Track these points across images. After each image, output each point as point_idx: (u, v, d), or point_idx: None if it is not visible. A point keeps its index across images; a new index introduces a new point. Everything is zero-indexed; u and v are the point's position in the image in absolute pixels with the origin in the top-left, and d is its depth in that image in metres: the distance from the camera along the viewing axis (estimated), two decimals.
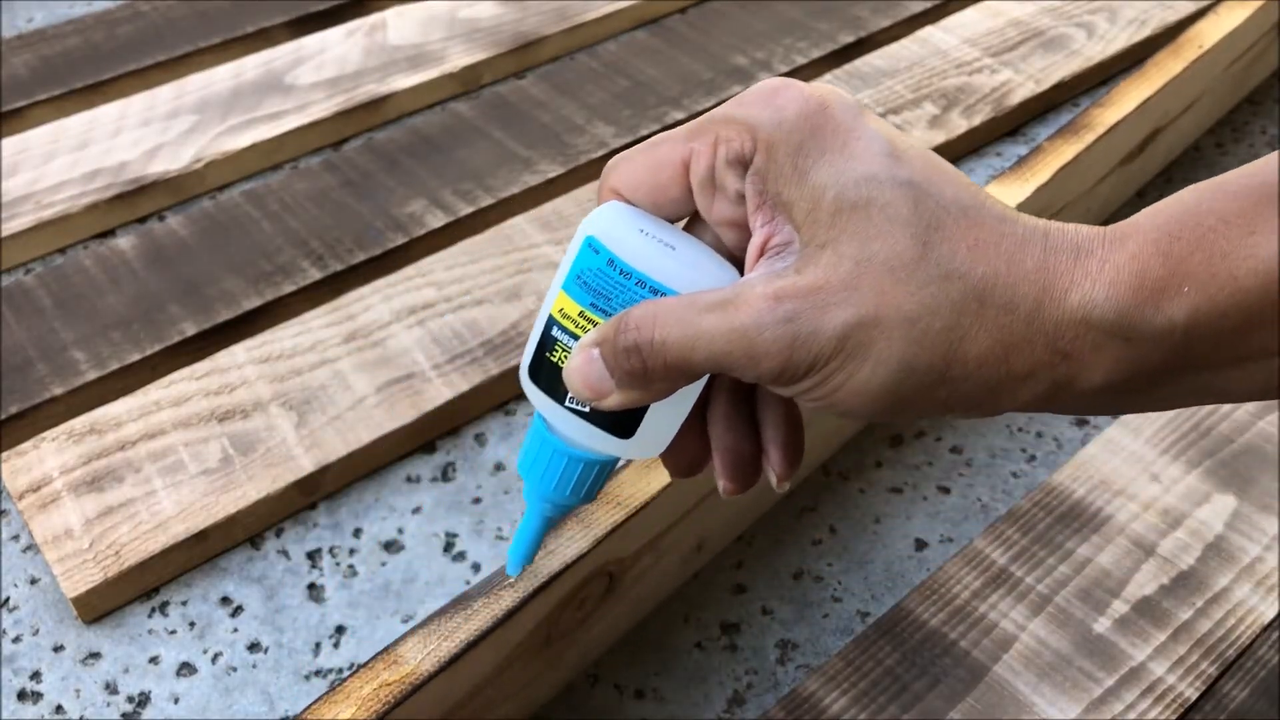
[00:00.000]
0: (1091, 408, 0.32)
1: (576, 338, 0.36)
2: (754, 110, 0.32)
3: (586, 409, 0.37)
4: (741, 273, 0.34)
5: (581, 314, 0.36)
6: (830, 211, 0.31)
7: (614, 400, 0.34)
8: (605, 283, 0.35)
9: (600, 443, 0.38)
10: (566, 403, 0.37)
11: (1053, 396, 0.31)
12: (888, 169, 0.31)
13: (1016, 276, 0.30)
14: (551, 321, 0.36)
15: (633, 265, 0.35)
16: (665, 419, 0.37)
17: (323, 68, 0.91)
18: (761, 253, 0.33)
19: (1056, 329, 0.30)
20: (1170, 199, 0.31)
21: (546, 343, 0.37)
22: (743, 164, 0.33)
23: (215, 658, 0.56)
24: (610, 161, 0.36)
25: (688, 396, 0.36)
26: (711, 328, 0.31)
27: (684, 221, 0.36)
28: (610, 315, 0.35)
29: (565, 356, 0.36)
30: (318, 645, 0.56)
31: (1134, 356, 0.30)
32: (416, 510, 0.62)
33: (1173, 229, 0.30)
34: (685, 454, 0.38)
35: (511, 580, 0.47)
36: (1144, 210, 0.31)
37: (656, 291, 0.34)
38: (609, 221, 0.35)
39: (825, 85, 0.34)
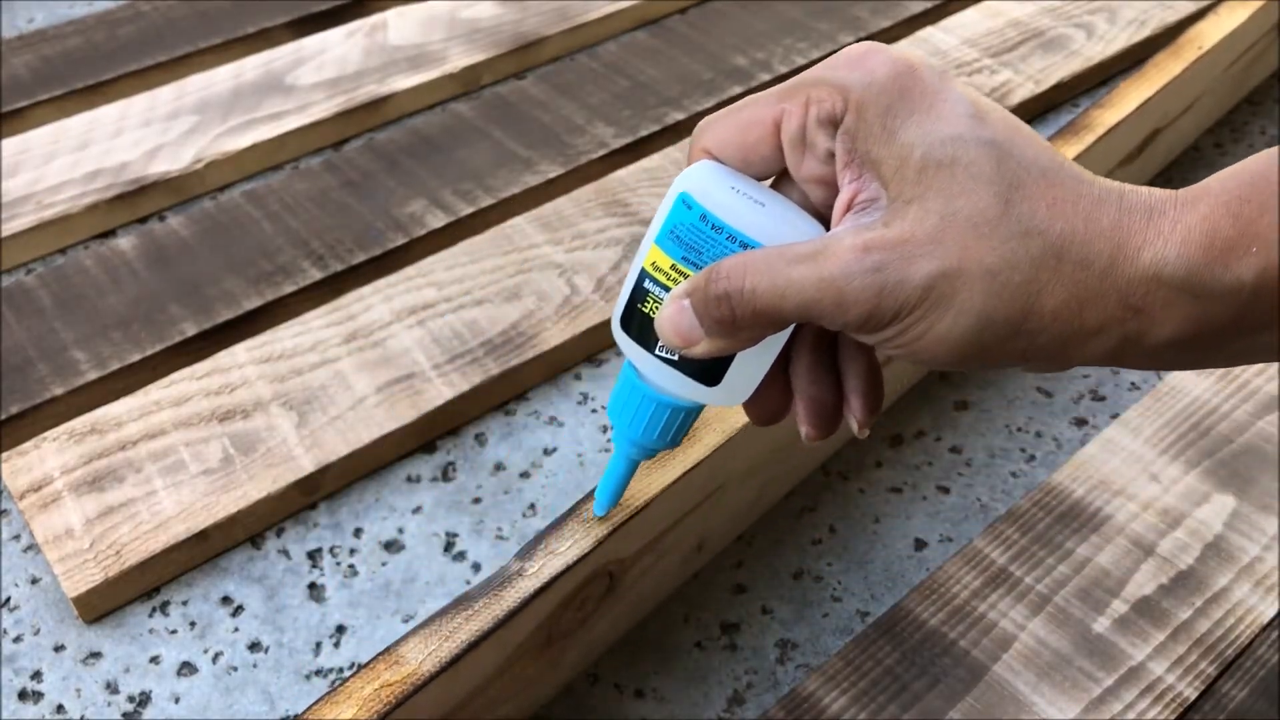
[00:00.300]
0: (1158, 363, 0.34)
1: (668, 289, 0.38)
2: (845, 72, 0.34)
3: (675, 357, 0.39)
4: (827, 229, 0.36)
5: (673, 267, 0.38)
6: (917, 169, 0.32)
7: (702, 348, 0.36)
8: (697, 237, 0.37)
9: (688, 390, 0.40)
10: (656, 351, 0.39)
11: (1121, 351, 0.33)
12: (972, 130, 0.33)
13: (1092, 234, 0.32)
14: (644, 274, 0.38)
15: (724, 220, 0.36)
16: (750, 368, 0.39)
17: (323, 68, 0.91)
18: (848, 208, 0.34)
19: (1129, 285, 0.31)
20: (1240, 164, 0.33)
21: (638, 294, 0.39)
22: (833, 123, 0.34)
23: (216, 657, 0.56)
24: (701, 123, 0.38)
25: (772, 346, 0.38)
26: (801, 277, 0.33)
27: (771, 180, 0.38)
28: (701, 268, 0.36)
29: (656, 307, 0.38)
30: (318, 645, 0.57)
31: (1202, 313, 0.31)
32: (417, 510, 0.62)
33: (1243, 192, 0.31)
34: (767, 403, 0.40)
35: (593, 518, 0.49)
36: (1214, 175, 0.33)
37: (746, 245, 0.36)
38: (701, 179, 0.37)
39: (912, 50, 0.35)
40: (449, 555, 0.60)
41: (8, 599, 0.59)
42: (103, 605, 0.58)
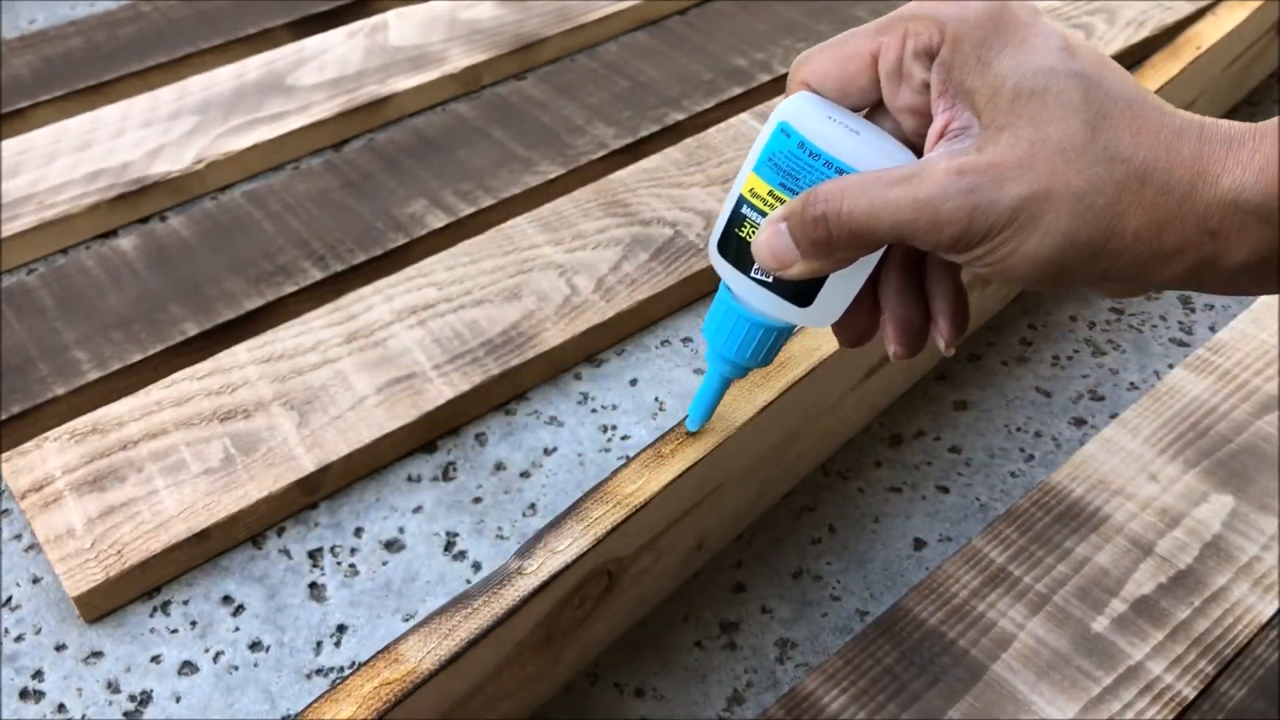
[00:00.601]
0: (1231, 287, 0.36)
1: (764, 214, 0.40)
2: (941, 7, 0.36)
3: (770, 279, 0.41)
4: (919, 157, 0.38)
5: (770, 193, 0.40)
6: (1009, 98, 0.34)
7: (797, 270, 0.39)
8: (794, 164, 0.39)
9: (781, 311, 0.42)
10: (752, 274, 0.42)
11: (1197, 274, 0.35)
12: (1062, 62, 0.35)
13: (1174, 162, 0.34)
14: (741, 200, 0.41)
15: (821, 147, 0.38)
16: (841, 290, 0.41)
17: (324, 69, 0.91)
18: (941, 136, 0.36)
19: (1206, 210, 0.33)
20: None
21: (736, 220, 0.41)
22: (929, 55, 0.36)
23: (217, 657, 0.56)
24: (799, 56, 0.40)
25: (863, 269, 0.40)
26: (897, 198, 0.35)
27: (865, 111, 0.40)
28: (797, 194, 0.39)
29: (753, 231, 0.40)
30: (319, 644, 0.57)
31: (1276, 238, 0.33)
32: (417, 509, 0.63)
33: None
34: (856, 325, 0.42)
35: (686, 435, 0.52)
36: None
37: (842, 171, 0.38)
38: (800, 109, 0.39)
39: None
40: (449, 555, 0.60)
41: (9, 598, 0.59)
42: (104, 605, 0.58)
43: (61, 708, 0.54)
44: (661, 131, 0.86)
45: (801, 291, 0.41)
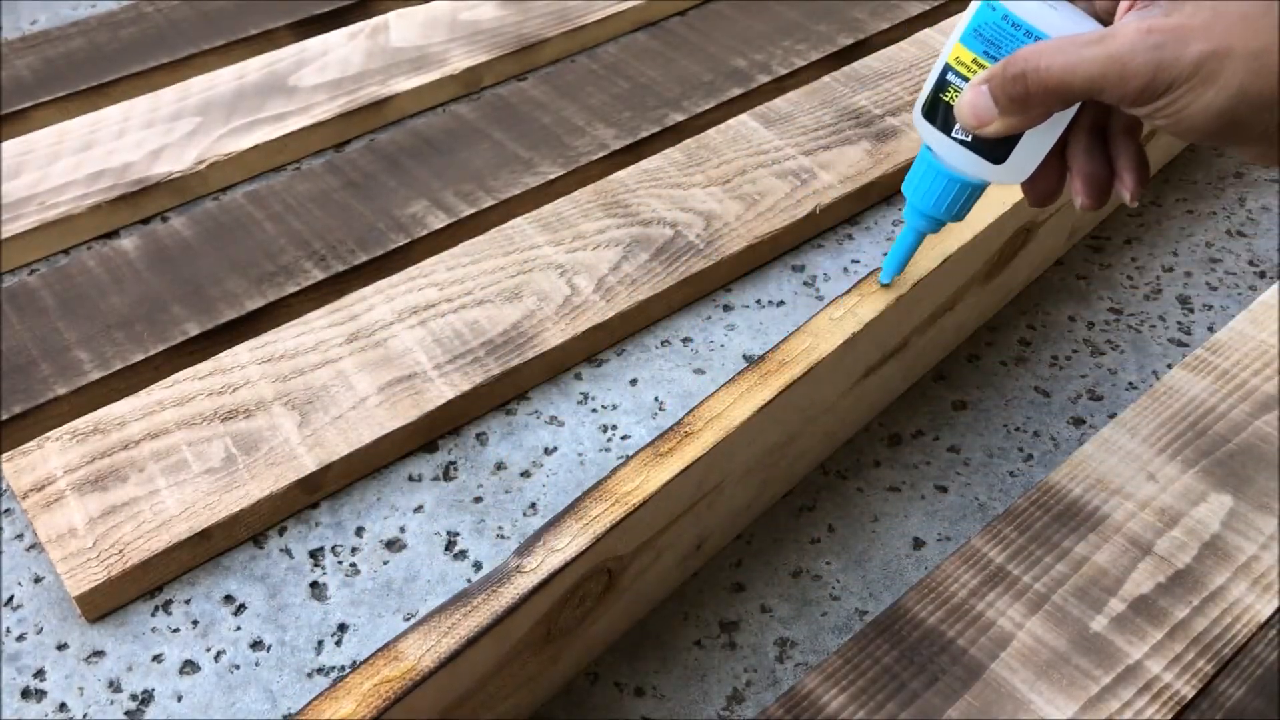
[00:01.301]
0: None
1: (967, 80, 0.46)
2: None
3: (969, 139, 0.47)
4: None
5: (974, 60, 0.45)
6: None
7: (995, 127, 0.44)
8: (997, 34, 0.44)
9: (977, 168, 0.48)
10: (953, 134, 0.48)
11: None
12: None
13: None
14: (947, 68, 0.47)
15: (1022, 18, 0.44)
16: (1033, 148, 0.46)
17: (325, 69, 0.91)
18: (1131, 7, 0.41)
19: None
20: None
21: (940, 86, 0.47)
22: None
23: (218, 656, 0.56)
24: None
25: (1053, 129, 0.45)
26: (1091, 55, 0.40)
27: None
28: (999, 60, 0.44)
29: (956, 95, 0.46)
30: (320, 643, 0.57)
31: None
32: (418, 509, 0.63)
33: None
34: (1044, 183, 0.48)
35: (878, 287, 0.59)
36: None
37: (1040, 40, 0.43)
38: None
39: None
40: (450, 554, 0.60)
41: (11, 598, 0.59)
42: (105, 604, 0.58)
43: (63, 707, 0.54)
44: (661, 132, 0.86)
45: (997, 150, 0.47)
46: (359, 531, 0.62)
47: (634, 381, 0.69)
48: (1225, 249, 0.78)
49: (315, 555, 0.61)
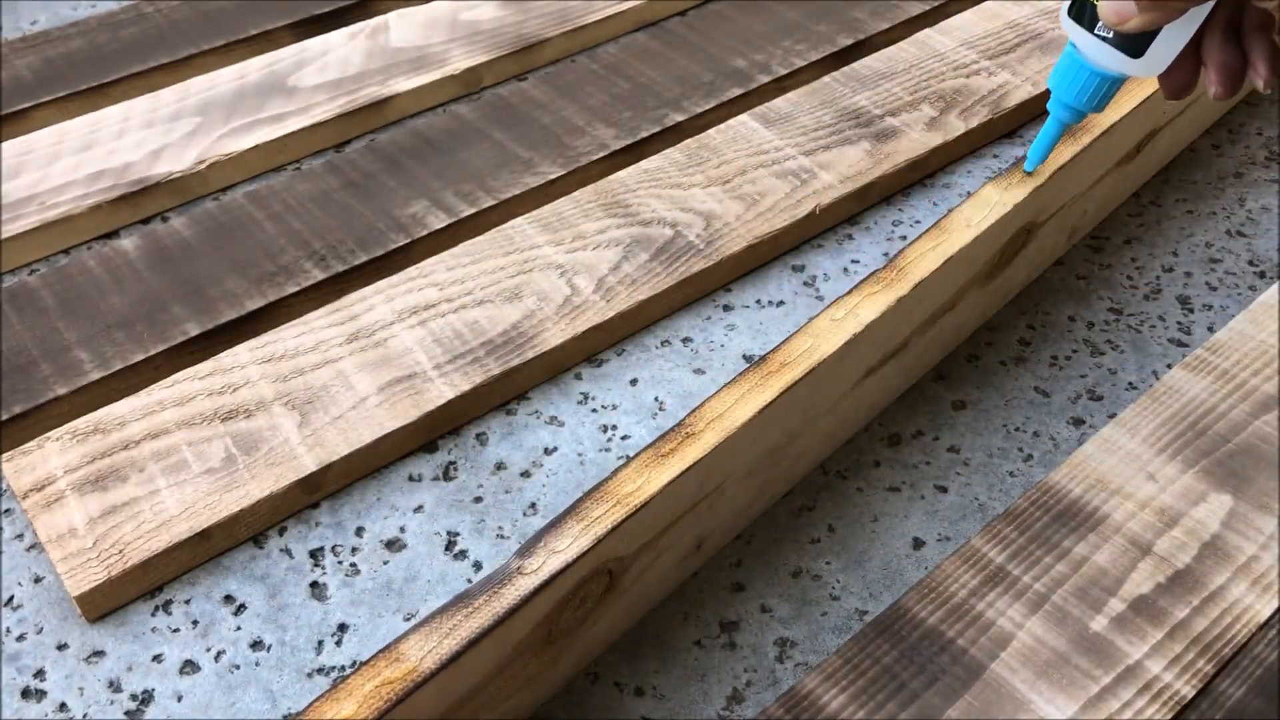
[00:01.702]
0: None
1: None
2: None
3: (1110, 35, 0.53)
4: None
5: None
6: None
7: (1135, 23, 0.49)
8: None
9: (1118, 63, 0.54)
10: (1096, 31, 0.53)
11: None
12: None
13: None
14: None
15: None
16: (1169, 43, 0.51)
17: (325, 70, 0.91)
18: None
19: None
20: None
21: None
22: None
23: (218, 656, 0.56)
24: None
25: (1188, 25, 0.50)
26: None
27: None
28: None
29: None
30: (320, 643, 0.57)
31: None
32: (418, 509, 0.63)
33: None
34: (1180, 75, 0.52)
35: (1024, 176, 0.66)
36: None
37: None
38: None
39: None
40: (450, 554, 0.60)
41: (11, 598, 0.59)
42: (105, 604, 0.58)
43: (63, 707, 0.54)
44: (661, 132, 0.86)
45: (1136, 45, 0.52)
46: (359, 531, 0.62)
47: (634, 381, 0.69)
48: (1225, 249, 0.78)
49: (315, 555, 0.61)
